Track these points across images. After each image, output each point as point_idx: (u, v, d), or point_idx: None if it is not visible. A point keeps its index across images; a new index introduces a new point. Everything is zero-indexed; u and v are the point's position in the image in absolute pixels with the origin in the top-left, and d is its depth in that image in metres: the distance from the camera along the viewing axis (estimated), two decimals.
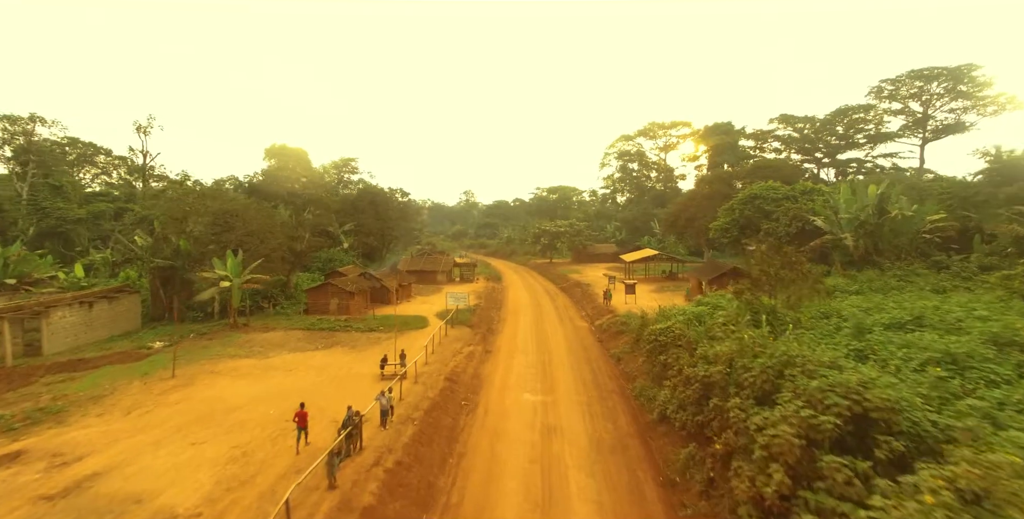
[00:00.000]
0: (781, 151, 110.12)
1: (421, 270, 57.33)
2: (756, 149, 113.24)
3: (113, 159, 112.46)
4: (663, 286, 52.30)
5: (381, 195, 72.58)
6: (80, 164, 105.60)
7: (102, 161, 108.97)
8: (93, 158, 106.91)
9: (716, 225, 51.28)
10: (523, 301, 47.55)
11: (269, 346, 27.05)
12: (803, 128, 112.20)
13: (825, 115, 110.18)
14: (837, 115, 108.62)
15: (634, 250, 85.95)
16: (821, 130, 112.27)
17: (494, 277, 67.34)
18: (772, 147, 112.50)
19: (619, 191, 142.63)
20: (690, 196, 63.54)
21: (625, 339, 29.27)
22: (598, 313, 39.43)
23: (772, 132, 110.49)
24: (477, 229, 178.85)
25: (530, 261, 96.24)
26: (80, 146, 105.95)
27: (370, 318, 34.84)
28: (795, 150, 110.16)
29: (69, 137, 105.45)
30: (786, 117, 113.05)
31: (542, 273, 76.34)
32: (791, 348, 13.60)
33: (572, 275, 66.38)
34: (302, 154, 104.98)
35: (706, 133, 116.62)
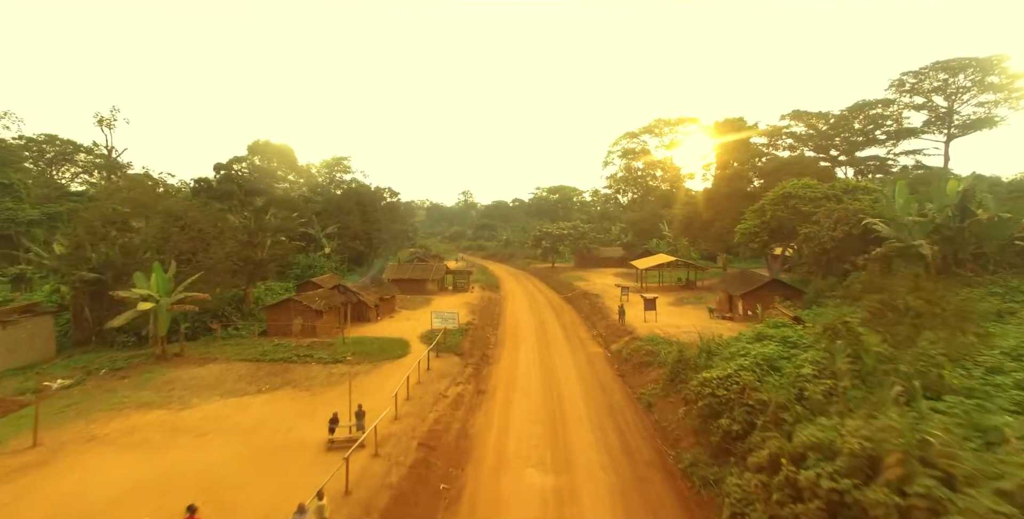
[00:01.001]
0: (796, 148, 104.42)
1: (409, 279, 51.19)
2: (769, 146, 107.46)
3: (95, 157, 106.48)
4: (681, 298, 46.22)
5: (368, 194, 66.41)
6: (59, 162, 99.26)
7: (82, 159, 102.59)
8: (72, 156, 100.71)
9: (743, 228, 45.20)
10: (524, 317, 41.41)
11: (197, 388, 20.85)
12: (816, 124, 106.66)
13: (840, 111, 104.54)
14: (854, 110, 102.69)
15: (643, 254, 79.94)
16: (837, 126, 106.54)
17: (491, 285, 61.22)
18: (786, 144, 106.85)
19: (623, 191, 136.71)
20: (708, 196, 57.49)
21: (653, 375, 23.17)
22: (612, 333, 33.31)
23: (787, 128, 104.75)
24: (475, 230, 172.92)
25: (530, 265, 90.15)
26: (59, 143, 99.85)
27: (339, 342, 28.68)
28: (810, 147, 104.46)
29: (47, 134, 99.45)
30: (799, 113, 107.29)
31: (544, 280, 70.22)
32: None
33: (577, 283, 60.26)
34: (287, 151, 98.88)
35: (716, 129, 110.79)
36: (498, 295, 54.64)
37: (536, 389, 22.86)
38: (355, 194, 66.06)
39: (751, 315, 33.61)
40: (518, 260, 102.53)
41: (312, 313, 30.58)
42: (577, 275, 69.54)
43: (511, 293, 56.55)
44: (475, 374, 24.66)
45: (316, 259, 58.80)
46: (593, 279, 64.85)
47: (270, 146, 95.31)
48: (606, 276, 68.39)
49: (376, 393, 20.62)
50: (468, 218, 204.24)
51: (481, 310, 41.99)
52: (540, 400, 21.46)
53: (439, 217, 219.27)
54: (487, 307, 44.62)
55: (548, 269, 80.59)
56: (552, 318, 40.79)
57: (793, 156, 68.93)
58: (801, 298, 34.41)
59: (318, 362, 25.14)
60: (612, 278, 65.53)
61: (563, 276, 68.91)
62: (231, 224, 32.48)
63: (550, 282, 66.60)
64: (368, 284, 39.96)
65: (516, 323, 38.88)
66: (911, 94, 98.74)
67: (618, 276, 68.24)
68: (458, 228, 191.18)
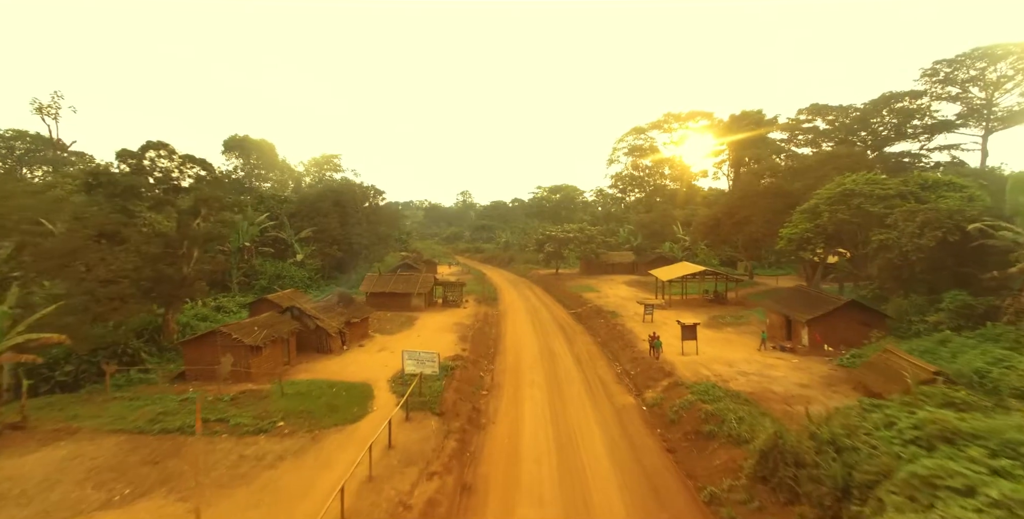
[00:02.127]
0: (818, 144, 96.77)
1: (390, 293, 43.39)
2: (788, 142, 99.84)
3: (69, 155, 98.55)
4: (715, 317, 38.48)
5: (347, 194, 58.66)
6: (31, 161, 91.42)
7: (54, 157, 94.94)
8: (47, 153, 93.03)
9: (790, 233, 37.50)
10: (528, 344, 33.52)
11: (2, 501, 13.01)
12: (835, 119, 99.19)
13: (863, 104, 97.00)
14: (880, 103, 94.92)
15: (657, 260, 72.16)
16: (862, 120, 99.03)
17: (488, 297, 53.40)
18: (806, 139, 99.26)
19: (629, 190, 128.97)
20: (740, 194, 49.73)
21: (724, 457, 15.39)
22: (644, 372, 25.52)
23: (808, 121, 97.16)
24: (473, 232, 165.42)
25: (531, 271, 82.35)
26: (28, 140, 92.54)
27: (277, 392, 20.88)
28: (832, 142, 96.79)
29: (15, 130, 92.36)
30: (817, 107, 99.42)
31: (548, 289, 62.41)
32: None
33: (587, 295, 52.45)
34: (267, 147, 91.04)
35: (731, 123, 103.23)
36: (496, 311, 46.82)
37: (550, 483, 15.05)
38: (332, 193, 58.32)
39: (830, 351, 25.84)
40: (518, 265, 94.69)
41: (245, 349, 22.77)
42: (585, 284, 61.73)
43: (511, 308, 48.71)
44: (459, 452, 16.84)
45: (286, 268, 51.01)
46: (604, 289, 57.06)
47: (248, 141, 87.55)
48: (617, 285, 60.61)
49: (300, 503, 12.89)
50: (467, 219, 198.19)
51: (475, 334, 34.15)
52: (558, 509, 13.68)
53: (438, 217, 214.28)
54: (482, 329, 36.79)
55: (552, 276, 72.78)
56: (563, 346, 32.94)
57: (839, 147, 60.95)
58: (884, 325, 26.65)
59: (233, 432, 17.32)
60: (625, 288, 57.77)
61: (569, 285, 61.12)
62: (141, 230, 24.65)
63: (555, 293, 58.80)
64: (335, 303, 32.17)
65: (518, 354, 31.04)
66: (944, 84, 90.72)
67: (631, 285, 60.48)
68: (456, 229, 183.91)
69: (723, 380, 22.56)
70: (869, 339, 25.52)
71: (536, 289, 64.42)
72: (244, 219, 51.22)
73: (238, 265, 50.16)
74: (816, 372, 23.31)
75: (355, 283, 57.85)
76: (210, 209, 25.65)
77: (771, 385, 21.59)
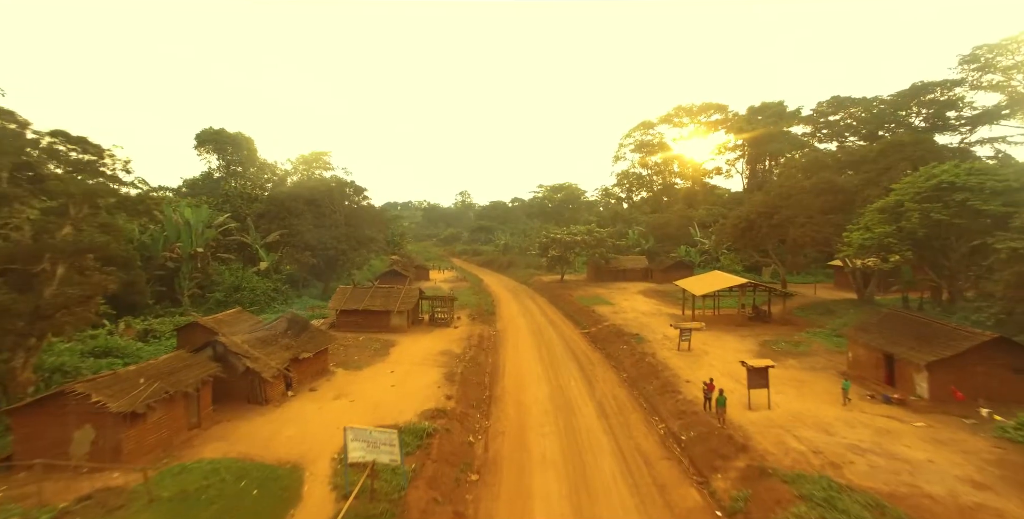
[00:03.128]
0: (846, 138, 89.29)
1: (365, 311, 35.72)
2: (812, 136, 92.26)
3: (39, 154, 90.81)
4: (765, 342, 30.88)
5: (322, 192, 51.06)
6: None
7: None
8: None
9: (862, 238, 29.90)
10: (534, 387, 25.63)
11: None
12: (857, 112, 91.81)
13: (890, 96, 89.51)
14: (910, 94, 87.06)
15: (675, 266, 64.51)
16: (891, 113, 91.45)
17: (485, 312, 45.78)
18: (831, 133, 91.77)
19: (635, 189, 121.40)
20: (781, 193, 42.08)
21: None
22: (701, 439, 17.83)
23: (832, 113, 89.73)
24: (471, 233, 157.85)
25: (533, 277, 74.74)
26: None
27: (143, 495, 13.23)
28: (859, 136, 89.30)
29: None
30: (839, 100, 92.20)
31: (554, 300, 54.74)
32: None
33: (600, 308, 44.83)
34: (244, 142, 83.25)
35: (750, 116, 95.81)
36: (494, 330, 39.17)
37: None
38: (305, 191, 50.67)
39: (985, 415, 18.01)
40: (518, 270, 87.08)
41: (116, 417, 15.13)
42: (595, 294, 54.10)
43: (512, 327, 41.02)
44: None
45: (247, 277, 43.31)
46: (618, 300, 49.45)
47: (223, 135, 79.79)
48: (632, 296, 53.00)
49: None
50: (465, 219, 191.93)
51: (465, 370, 26.45)
52: None
53: (436, 218, 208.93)
54: (475, 360, 29.10)
55: (557, 284, 65.14)
56: (580, 387, 25.19)
57: (905, 134, 53.07)
58: None
59: None
60: (643, 300, 50.14)
61: (577, 295, 53.49)
62: None
63: (562, 305, 51.13)
64: (282, 331, 24.49)
65: (521, 401, 23.31)
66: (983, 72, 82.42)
67: (648, 296, 52.85)
68: (454, 230, 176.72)
69: (831, 463, 14.93)
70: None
71: (539, 300, 56.76)
72: (199, 219, 43.57)
73: (191, 274, 42.53)
74: (970, 449, 15.65)
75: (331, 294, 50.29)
76: (84, 209, 18.02)
77: (915, 478, 13.95)
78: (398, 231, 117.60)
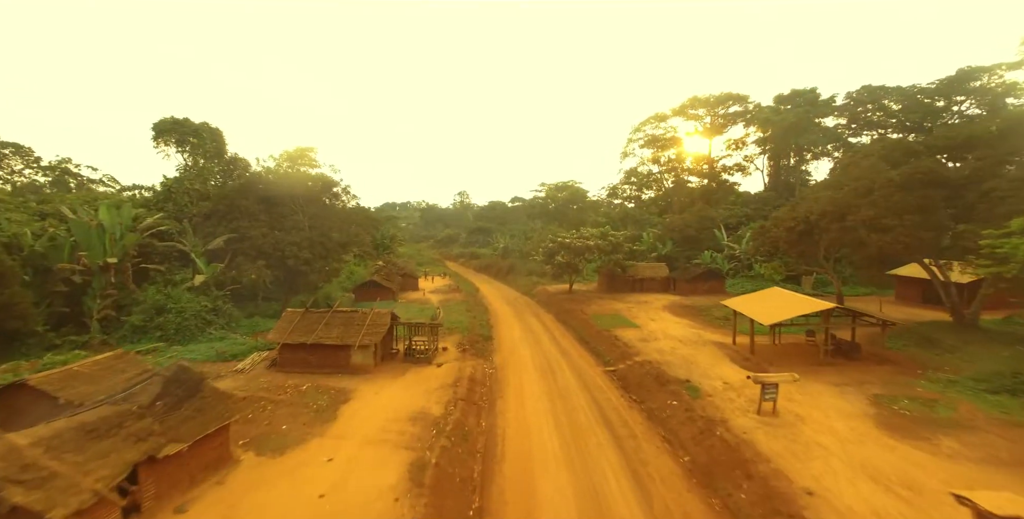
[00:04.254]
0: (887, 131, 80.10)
1: (316, 345, 26.33)
2: (847, 129, 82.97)
3: None
4: (875, 396, 21.60)
5: (280, 186, 41.78)
6: None
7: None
8: None
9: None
10: (549, 486, 16.36)
11: None
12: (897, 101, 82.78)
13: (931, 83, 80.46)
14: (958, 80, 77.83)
15: (705, 276, 55.24)
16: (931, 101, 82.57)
17: (479, 336, 36.54)
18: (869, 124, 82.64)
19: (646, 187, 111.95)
20: (860, 188, 32.67)
21: None
22: None
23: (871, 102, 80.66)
24: (469, 234, 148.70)
25: (537, 286, 65.50)
26: None
27: None
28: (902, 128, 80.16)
29: None
30: (871, 89, 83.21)
31: (564, 318, 45.39)
32: None
33: (625, 332, 35.56)
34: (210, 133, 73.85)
35: (777, 105, 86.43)
36: (490, 368, 29.83)
37: None
38: (258, 183, 41.36)
39: None
40: (520, 277, 77.78)
41: None
42: (613, 310, 44.88)
43: (513, 362, 31.62)
44: None
45: (176, 295, 34.00)
46: (643, 320, 40.26)
47: (185, 126, 70.42)
48: (658, 313, 43.79)
49: None
50: (464, 220, 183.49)
51: (442, 461, 17.03)
52: None
53: (434, 219, 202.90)
54: (460, 430, 19.70)
55: (565, 295, 55.88)
56: (627, 498, 15.83)
57: None
58: None
59: None
60: (672, 319, 40.95)
61: (592, 313, 44.26)
62: None
63: (575, 325, 41.81)
64: (151, 399, 15.22)
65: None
66: None
67: (676, 313, 43.65)
68: (451, 231, 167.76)
69: None
70: None
71: (546, 317, 47.42)
72: (116, 221, 34.28)
73: (103, 291, 33.25)
74: None
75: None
76: None
77: None
78: (388, 234, 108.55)
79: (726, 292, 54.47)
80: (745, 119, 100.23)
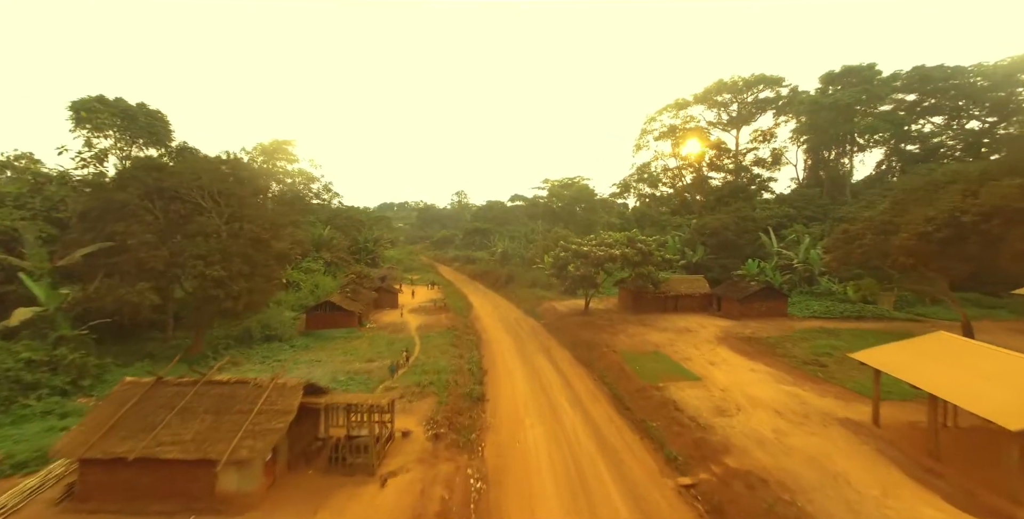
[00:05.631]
0: (961, 117, 67.88)
1: (149, 462, 13.93)
2: (912, 112, 70.43)
3: None
4: None
5: (183, 175, 29.32)
6: None
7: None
8: None
9: None
10: None
11: None
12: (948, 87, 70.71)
13: (1001, 61, 68.67)
14: None
15: (764, 294, 42.83)
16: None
17: (464, 404, 24.16)
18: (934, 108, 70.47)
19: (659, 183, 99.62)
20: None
21: None
22: None
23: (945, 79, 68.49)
24: (465, 236, 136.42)
25: (543, 303, 53.32)
26: None
27: None
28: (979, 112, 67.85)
29: None
30: (922, 71, 70.82)
31: (585, 359, 32.84)
32: None
33: (682, 393, 23.17)
34: (147, 118, 61.40)
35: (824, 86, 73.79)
36: (478, 472, 17.55)
37: None
38: (155, 175, 28.79)
39: None
40: (521, 288, 65.42)
41: None
42: (650, 345, 32.61)
43: (517, 451, 19.27)
44: None
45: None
46: (699, 364, 28.12)
47: (113, 106, 57.94)
48: (714, 350, 31.57)
49: None
50: (461, 221, 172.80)
51: None
52: None
53: (431, 219, 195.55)
54: None
55: (579, 317, 43.71)
56: None
57: None
58: None
59: None
60: (744, 365, 28.70)
61: (623, 347, 32.05)
62: None
63: (603, 371, 29.37)
64: None
65: None
66: None
67: (740, 350, 31.54)
68: (447, 232, 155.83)
69: None
70: None
71: (560, 356, 34.99)
72: None
73: None
74: None
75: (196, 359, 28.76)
76: None
77: None
78: (372, 236, 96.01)
79: (788, 315, 42.31)
80: (776, 107, 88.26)
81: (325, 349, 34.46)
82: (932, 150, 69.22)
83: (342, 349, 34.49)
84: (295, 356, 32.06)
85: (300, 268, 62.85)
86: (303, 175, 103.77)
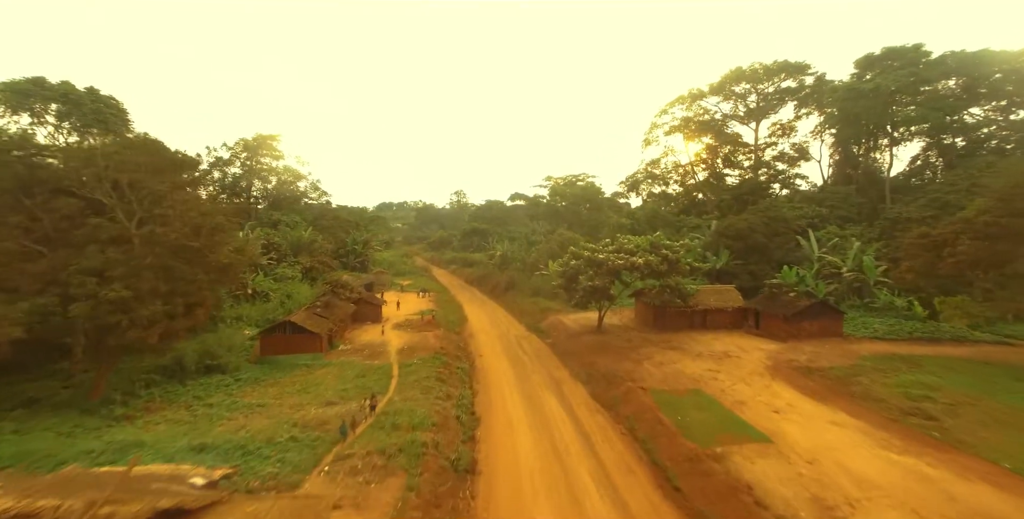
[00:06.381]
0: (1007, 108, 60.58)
1: None
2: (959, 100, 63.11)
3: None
4: None
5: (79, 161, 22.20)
6: None
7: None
8: None
9: None
10: None
11: None
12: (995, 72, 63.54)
13: None
14: None
15: (809, 312, 35.85)
16: None
17: (455, 467, 17.14)
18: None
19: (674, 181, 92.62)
20: None
21: None
22: None
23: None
24: (463, 236, 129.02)
25: (549, 316, 46.30)
26: None
27: None
28: None
29: None
30: (971, 55, 63.43)
31: (606, 400, 25.58)
32: None
33: (754, 468, 15.93)
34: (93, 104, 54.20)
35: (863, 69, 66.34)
36: None
37: None
38: (18, 156, 21.70)
39: None
40: (523, 297, 58.24)
41: None
42: (686, 379, 25.44)
43: None
44: None
45: None
46: (760, 413, 21.00)
47: (52, 90, 50.75)
48: (769, 388, 24.40)
49: None
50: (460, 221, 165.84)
51: None
52: None
53: (430, 219, 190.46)
54: None
55: (593, 336, 36.63)
56: None
57: None
58: None
59: None
60: (819, 412, 21.55)
61: (653, 384, 24.92)
62: None
63: (632, 418, 22.32)
64: None
65: None
66: None
67: (804, 389, 24.42)
68: (445, 233, 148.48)
69: None
70: None
71: (574, 393, 27.85)
72: None
73: None
74: None
75: (92, 409, 21.66)
76: None
77: None
78: (361, 238, 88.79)
79: (844, 336, 35.17)
80: (799, 97, 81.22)
81: (278, 384, 27.39)
82: (978, 142, 62.09)
83: (300, 383, 27.43)
84: (235, 397, 24.93)
85: (273, 275, 55.74)
86: (289, 172, 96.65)
